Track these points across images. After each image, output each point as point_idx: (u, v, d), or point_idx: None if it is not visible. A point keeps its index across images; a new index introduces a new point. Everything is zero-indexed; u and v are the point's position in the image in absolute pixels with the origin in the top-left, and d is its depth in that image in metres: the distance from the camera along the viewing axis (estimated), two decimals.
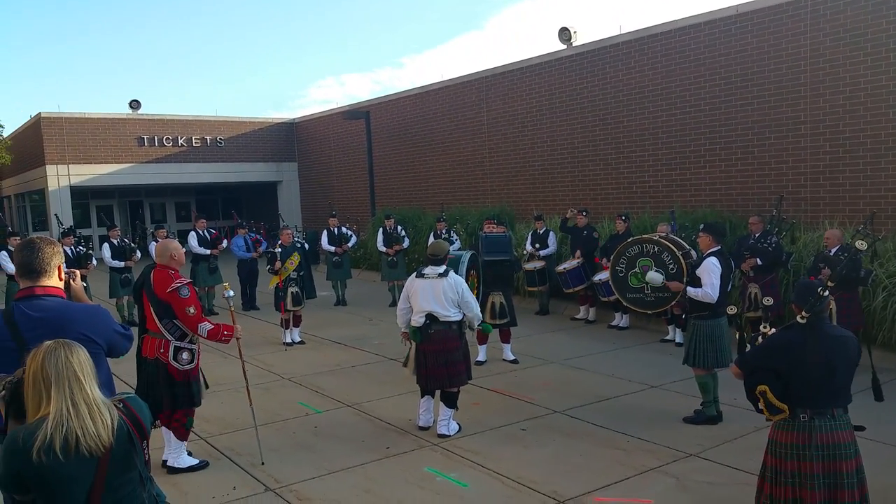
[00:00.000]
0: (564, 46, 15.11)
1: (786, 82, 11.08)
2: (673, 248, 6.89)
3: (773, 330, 3.94)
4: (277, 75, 71.44)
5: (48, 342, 2.52)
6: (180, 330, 5.52)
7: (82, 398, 2.43)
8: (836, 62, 10.48)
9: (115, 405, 2.55)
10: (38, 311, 3.07)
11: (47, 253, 3.17)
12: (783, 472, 3.78)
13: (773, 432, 3.89)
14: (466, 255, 8.21)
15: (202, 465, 5.77)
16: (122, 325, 3.36)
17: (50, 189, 21.54)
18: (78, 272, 3.47)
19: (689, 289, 6.51)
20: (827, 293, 3.72)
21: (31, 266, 3.15)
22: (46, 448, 2.33)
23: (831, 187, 10.67)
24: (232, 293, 6.03)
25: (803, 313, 3.73)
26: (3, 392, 2.55)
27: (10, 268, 10.82)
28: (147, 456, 2.69)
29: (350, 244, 14.28)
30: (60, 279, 3.22)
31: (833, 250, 8.31)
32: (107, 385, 3.01)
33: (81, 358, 2.50)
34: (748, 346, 4.04)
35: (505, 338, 9.09)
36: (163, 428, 5.68)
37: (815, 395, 3.71)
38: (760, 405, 3.84)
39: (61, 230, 12.85)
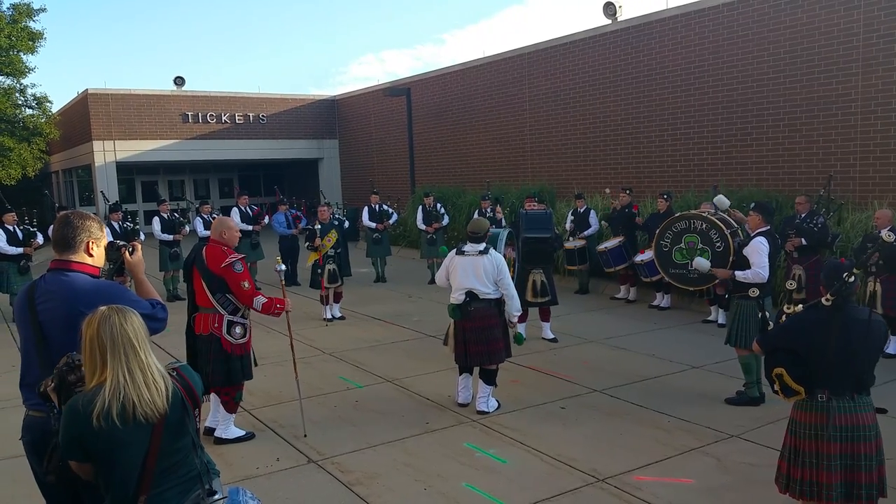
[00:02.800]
0: (609, 21, 14.87)
1: (836, 58, 10.77)
2: (721, 225, 6.79)
3: (797, 309, 3.88)
4: (319, 52, 71.70)
5: (102, 308, 2.55)
6: (233, 304, 5.63)
7: (137, 365, 2.48)
8: (889, 37, 10.14)
9: (168, 373, 2.60)
10: (53, 284, 3.14)
11: (72, 229, 3.21)
12: (801, 451, 3.76)
13: (793, 411, 3.87)
14: (504, 233, 8.19)
15: (249, 437, 5.90)
16: (153, 302, 3.28)
17: (96, 165, 22.00)
18: (138, 245, 3.49)
19: (737, 273, 6.39)
20: (854, 278, 3.63)
21: (57, 240, 3.24)
22: (105, 414, 2.40)
23: (882, 166, 10.39)
24: (283, 267, 6.13)
25: (828, 295, 3.67)
26: (52, 385, 2.62)
27: (5, 247, 11.00)
28: (199, 424, 2.75)
29: (391, 221, 14.36)
30: (89, 254, 3.23)
31: (883, 231, 8.10)
32: None
33: (136, 324, 2.54)
34: (770, 324, 3.99)
35: (545, 316, 9.08)
36: (212, 400, 5.82)
37: (834, 377, 3.66)
38: (776, 387, 3.81)
39: (108, 205, 13.14)
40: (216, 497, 2.69)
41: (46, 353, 3.09)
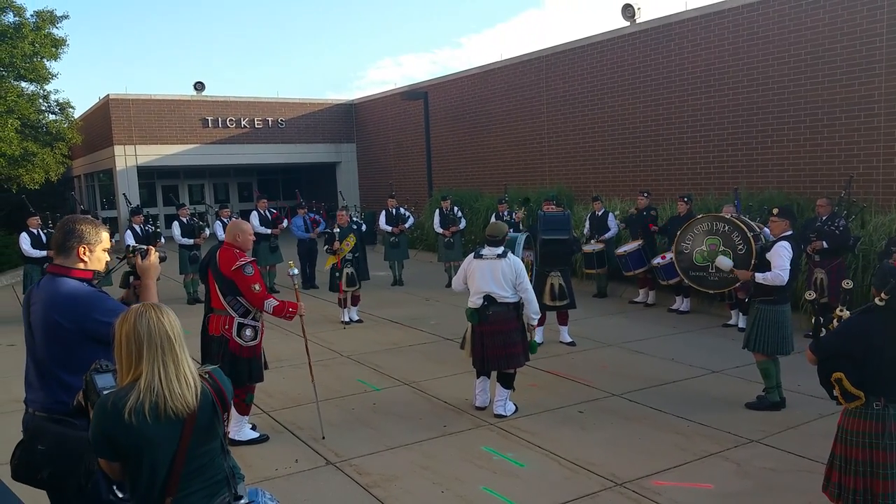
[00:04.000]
0: (628, 23, 14.82)
1: (859, 59, 10.65)
2: (744, 228, 6.73)
3: (849, 313, 3.81)
4: (337, 57, 72.02)
5: (136, 305, 2.59)
6: (244, 307, 5.66)
7: (172, 359, 2.49)
8: None
9: (201, 375, 2.62)
10: (42, 289, 3.22)
11: (64, 234, 3.25)
12: (852, 460, 3.68)
13: (844, 420, 3.78)
14: (522, 237, 8.18)
15: (262, 439, 5.92)
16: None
17: (118, 169, 22.22)
18: (152, 249, 3.50)
19: (757, 275, 6.33)
20: None
21: (53, 245, 3.31)
22: (138, 409, 2.41)
23: None
24: (296, 271, 6.15)
25: (882, 295, 3.60)
26: (79, 399, 2.67)
27: (29, 250, 11.31)
28: (227, 428, 2.76)
29: (407, 225, 14.38)
30: (81, 259, 3.24)
31: None
32: (76, 368, 3.01)
33: (171, 320, 2.56)
34: (822, 330, 3.89)
35: (562, 320, 9.04)
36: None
37: (890, 382, 3.59)
38: (836, 392, 3.71)
39: (129, 209, 13.28)
40: (242, 502, 2.70)
41: (33, 354, 3.21)
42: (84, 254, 3.26)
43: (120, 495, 3.10)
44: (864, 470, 3.64)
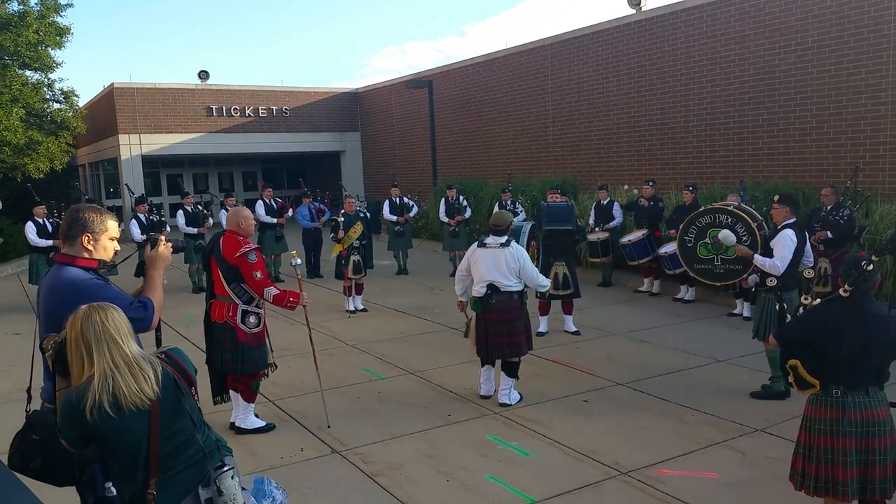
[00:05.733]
0: (633, 11, 14.74)
1: (866, 47, 10.58)
2: (748, 218, 6.70)
3: (816, 302, 3.84)
4: (340, 45, 71.82)
5: (83, 307, 2.64)
6: (248, 294, 5.67)
7: (122, 358, 2.57)
8: None
9: (157, 357, 2.68)
10: (50, 277, 3.27)
11: (69, 223, 3.28)
12: (815, 447, 3.73)
13: (807, 408, 3.84)
14: (527, 226, 8.16)
15: (269, 428, 5.94)
16: (135, 301, 3.24)
17: (122, 158, 22.24)
18: (161, 239, 3.48)
19: (756, 256, 6.32)
20: (871, 267, 3.58)
21: (60, 233, 3.35)
22: (97, 407, 2.49)
23: None
24: (299, 261, 6.14)
25: (846, 287, 3.62)
26: (51, 352, 2.71)
27: (35, 239, 11.46)
28: (197, 402, 2.80)
29: (411, 214, 14.37)
30: (85, 248, 3.25)
31: None
32: None
33: (117, 319, 2.63)
34: (788, 317, 3.95)
35: (567, 309, 9.04)
36: (233, 396, 5.88)
37: (849, 371, 3.63)
38: (790, 378, 3.79)
39: (133, 198, 13.28)
40: (225, 468, 2.74)
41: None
42: (88, 243, 3.26)
43: (115, 492, 3.11)
44: (825, 457, 3.67)
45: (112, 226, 3.36)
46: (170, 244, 3.51)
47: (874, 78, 10.53)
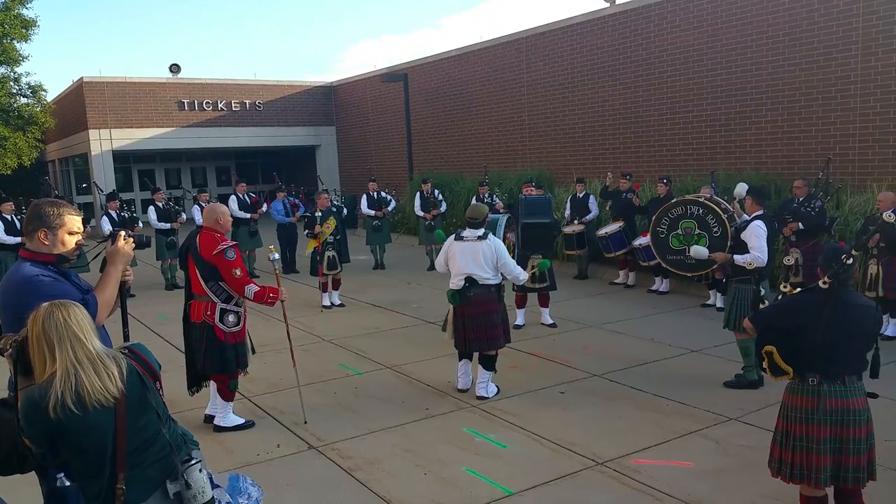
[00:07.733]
0: (607, 5, 14.81)
1: (836, 41, 10.72)
2: (718, 210, 6.78)
3: (794, 291, 3.89)
4: (314, 37, 71.32)
5: (44, 304, 2.60)
6: (226, 292, 5.60)
7: (85, 355, 2.54)
8: (889, 19, 10.10)
9: (121, 353, 2.65)
10: (7, 273, 3.27)
11: (28, 218, 3.28)
12: (792, 435, 3.77)
13: (785, 395, 3.88)
14: (503, 219, 8.18)
15: (248, 425, 5.89)
16: (84, 298, 3.19)
17: (92, 153, 21.89)
18: (121, 234, 3.43)
19: (736, 257, 6.37)
20: (851, 260, 3.63)
21: (23, 229, 3.33)
22: (60, 405, 2.45)
23: (881, 149, 10.37)
24: (277, 256, 6.07)
25: (825, 278, 3.67)
26: (10, 350, 2.66)
27: (2, 236, 11.23)
28: (162, 396, 2.77)
29: (389, 208, 14.34)
30: (42, 243, 3.22)
31: (885, 213, 8.08)
32: None
33: (79, 316, 2.59)
34: (765, 303, 3.99)
35: (544, 302, 9.08)
36: (211, 387, 5.82)
37: (825, 360, 3.67)
38: (764, 364, 3.83)
39: (102, 195, 13.08)
40: (192, 462, 2.72)
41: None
42: (45, 237, 3.23)
43: (67, 483, 3.07)
44: (801, 444, 3.72)
45: (70, 220, 3.30)
46: (130, 240, 3.44)
47: (843, 71, 10.67)
